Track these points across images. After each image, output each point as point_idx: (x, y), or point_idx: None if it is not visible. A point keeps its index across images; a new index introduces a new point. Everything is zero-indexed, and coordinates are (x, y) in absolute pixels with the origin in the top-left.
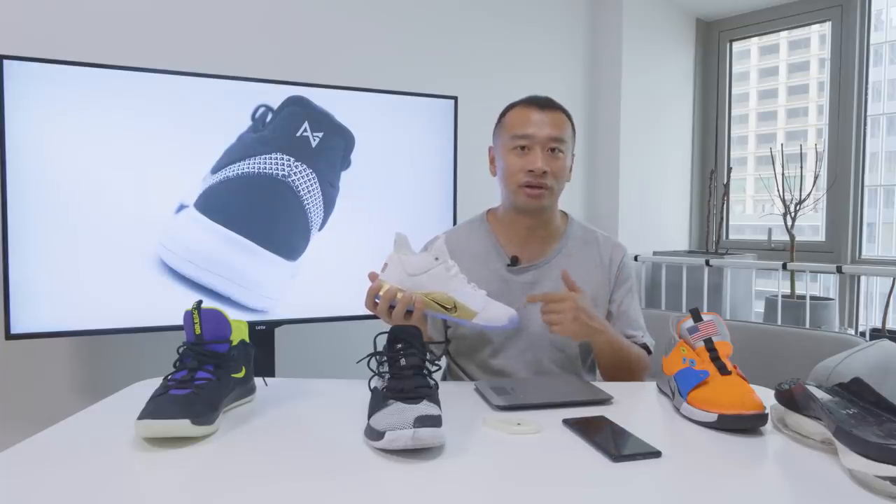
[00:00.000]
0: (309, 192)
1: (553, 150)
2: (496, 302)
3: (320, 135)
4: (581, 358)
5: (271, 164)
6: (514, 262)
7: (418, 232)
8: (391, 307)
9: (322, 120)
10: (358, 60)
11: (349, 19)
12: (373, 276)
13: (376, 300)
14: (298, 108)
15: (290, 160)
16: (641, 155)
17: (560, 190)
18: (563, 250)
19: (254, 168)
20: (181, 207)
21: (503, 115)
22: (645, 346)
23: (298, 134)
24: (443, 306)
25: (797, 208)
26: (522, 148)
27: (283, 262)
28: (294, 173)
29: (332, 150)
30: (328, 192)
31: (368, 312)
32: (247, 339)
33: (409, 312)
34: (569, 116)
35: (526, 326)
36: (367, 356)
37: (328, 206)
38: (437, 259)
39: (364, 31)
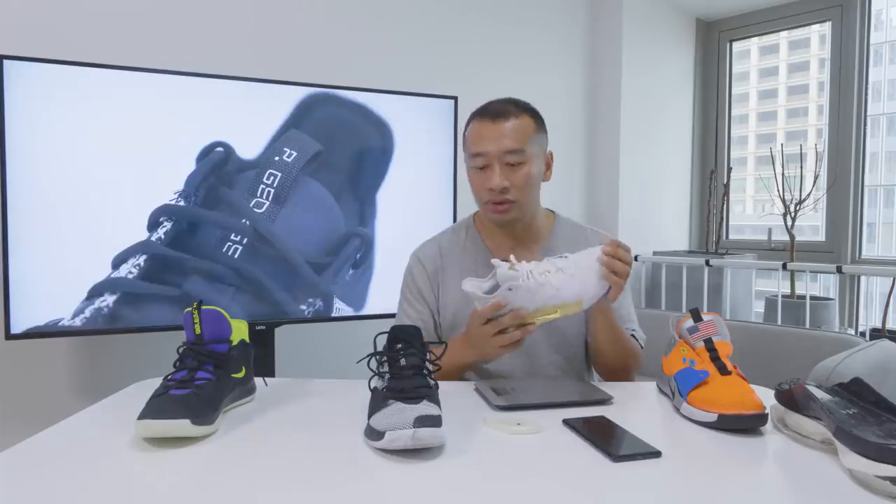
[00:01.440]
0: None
1: (511, 163)
2: (573, 280)
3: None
4: (579, 361)
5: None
6: None
7: (419, 232)
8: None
9: (322, 121)
10: (358, 61)
11: (349, 20)
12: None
13: (492, 317)
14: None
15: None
16: (641, 155)
17: (530, 197)
18: (550, 250)
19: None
20: None
21: (465, 128)
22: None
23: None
24: (550, 316)
25: (797, 208)
26: (481, 167)
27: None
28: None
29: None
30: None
31: (368, 312)
32: (247, 339)
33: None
34: (532, 116)
35: None
36: (367, 356)
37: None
38: (510, 290)
39: (364, 33)
